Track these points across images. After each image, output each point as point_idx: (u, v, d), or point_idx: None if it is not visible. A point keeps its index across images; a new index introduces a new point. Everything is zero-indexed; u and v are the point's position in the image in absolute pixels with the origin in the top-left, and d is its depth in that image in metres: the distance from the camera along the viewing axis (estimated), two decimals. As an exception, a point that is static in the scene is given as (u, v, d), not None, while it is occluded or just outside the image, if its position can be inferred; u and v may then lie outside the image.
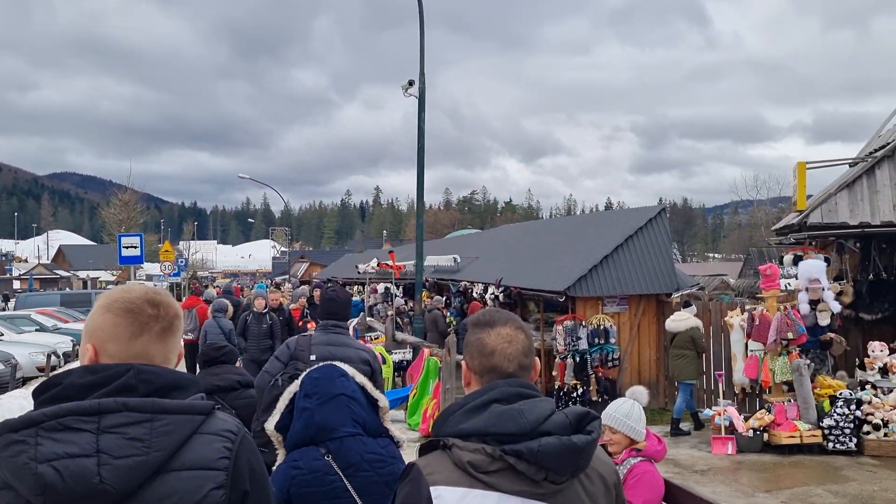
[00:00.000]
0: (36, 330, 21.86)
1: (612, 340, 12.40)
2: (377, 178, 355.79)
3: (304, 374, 3.26)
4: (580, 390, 12.21)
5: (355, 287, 29.78)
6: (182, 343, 2.05)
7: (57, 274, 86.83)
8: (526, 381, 1.85)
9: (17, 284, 69.64)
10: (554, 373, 12.52)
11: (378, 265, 18.74)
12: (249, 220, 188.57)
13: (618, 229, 13.75)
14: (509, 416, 1.70)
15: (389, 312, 18.55)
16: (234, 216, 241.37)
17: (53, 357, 16.96)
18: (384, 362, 11.62)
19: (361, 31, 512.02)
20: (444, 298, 16.60)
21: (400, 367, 12.37)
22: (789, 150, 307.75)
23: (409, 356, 12.57)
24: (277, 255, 66.39)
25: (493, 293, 15.16)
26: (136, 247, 20.72)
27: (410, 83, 12.00)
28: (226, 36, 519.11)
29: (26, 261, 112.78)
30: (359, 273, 22.10)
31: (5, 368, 14.97)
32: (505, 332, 1.88)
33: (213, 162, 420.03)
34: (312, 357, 4.53)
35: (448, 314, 17.66)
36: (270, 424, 3.17)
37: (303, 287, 16.67)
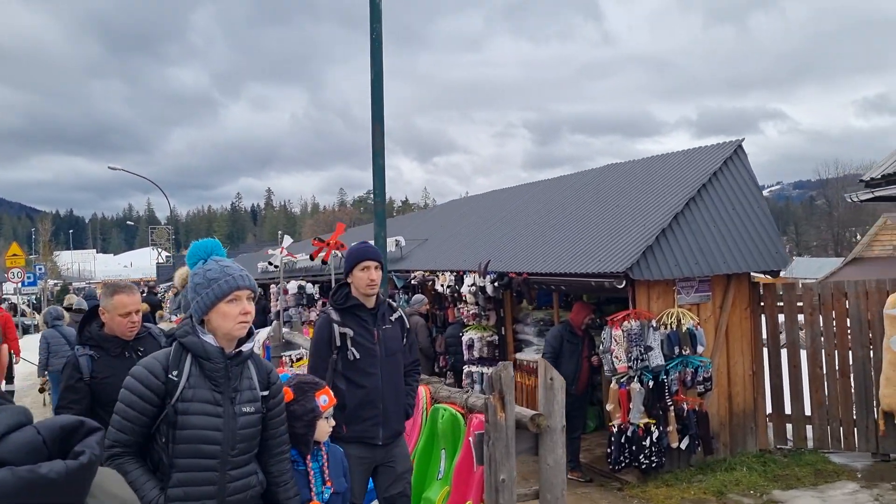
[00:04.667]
0: None
1: (700, 349, 7.71)
2: (268, 180, 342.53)
3: None
4: (655, 432, 7.47)
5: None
6: None
7: None
8: None
9: None
10: (609, 406, 7.72)
11: (314, 248, 13.07)
12: (129, 222, 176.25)
13: (677, 177, 9.10)
14: None
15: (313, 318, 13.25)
16: (115, 224, 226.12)
17: None
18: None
19: (245, 26, 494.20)
20: (423, 298, 11.43)
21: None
22: (675, 144, 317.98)
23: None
24: (161, 261, 58.88)
25: (474, 284, 10.25)
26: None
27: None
28: (95, 31, 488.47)
29: None
30: (271, 265, 16.60)
31: None
32: None
33: (90, 168, 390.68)
34: None
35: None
36: None
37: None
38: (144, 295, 17.55)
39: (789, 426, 8.40)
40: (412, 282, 12.38)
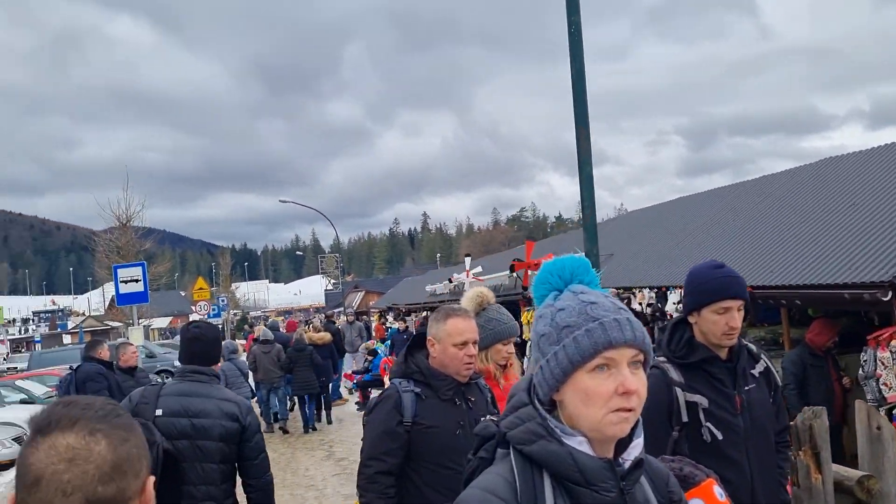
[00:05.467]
0: (21, 401, 16.35)
1: None
2: (422, 204, 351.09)
3: None
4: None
5: (413, 314, 23.45)
6: None
7: (108, 325, 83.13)
8: None
9: (67, 339, 65.98)
10: (878, 444, 6.40)
11: (514, 268, 11.90)
12: (298, 252, 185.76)
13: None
14: None
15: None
16: (284, 254, 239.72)
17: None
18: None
19: (392, 56, 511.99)
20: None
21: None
22: (847, 139, 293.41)
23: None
24: (330, 288, 61.16)
25: (681, 301, 9.13)
26: (137, 280, 15.14)
27: None
28: (257, 74, 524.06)
29: (82, 314, 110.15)
30: (450, 282, 15.95)
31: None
32: (64, 443, 1.04)
33: (259, 202, 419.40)
34: (158, 412, 3.60)
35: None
36: None
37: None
38: (324, 323, 17.59)
39: None
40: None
